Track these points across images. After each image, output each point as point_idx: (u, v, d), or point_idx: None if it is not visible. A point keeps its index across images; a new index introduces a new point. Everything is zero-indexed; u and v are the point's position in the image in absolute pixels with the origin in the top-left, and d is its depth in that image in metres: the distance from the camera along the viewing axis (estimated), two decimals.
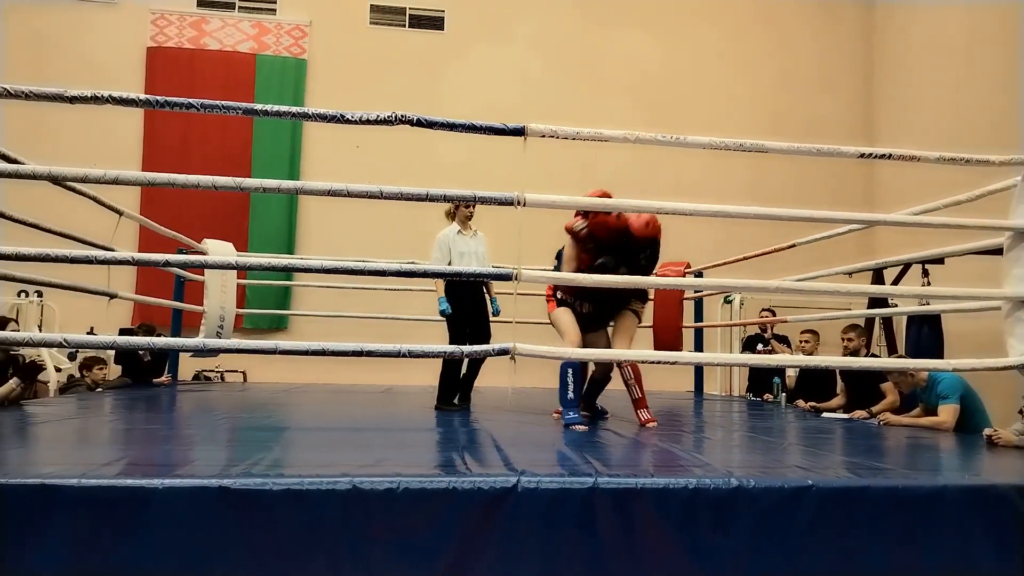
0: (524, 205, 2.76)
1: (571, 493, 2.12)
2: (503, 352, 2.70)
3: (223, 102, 2.70)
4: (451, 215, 4.67)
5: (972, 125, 7.56)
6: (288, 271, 8.30)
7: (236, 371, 8.25)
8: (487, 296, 4.71)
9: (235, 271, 6.48)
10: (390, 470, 2.16)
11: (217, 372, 8.12)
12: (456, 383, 4.71)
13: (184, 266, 5.94)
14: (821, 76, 9.98)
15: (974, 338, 5.31)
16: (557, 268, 4.19)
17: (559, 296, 4.11)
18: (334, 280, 7.47)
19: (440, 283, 4.44)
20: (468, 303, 4.54)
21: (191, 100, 2.68)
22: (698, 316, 7.73)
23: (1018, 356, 3.06)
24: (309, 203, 8.91)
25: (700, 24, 9.88)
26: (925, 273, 5.46)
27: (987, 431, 3.72)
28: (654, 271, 4.23)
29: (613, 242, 3.92)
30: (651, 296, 5.93)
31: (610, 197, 3.72)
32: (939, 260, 5.15)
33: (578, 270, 3.88)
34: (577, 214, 3.85)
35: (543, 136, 2.82)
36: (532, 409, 4.90)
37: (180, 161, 8.29)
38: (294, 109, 2.82)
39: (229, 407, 4.74)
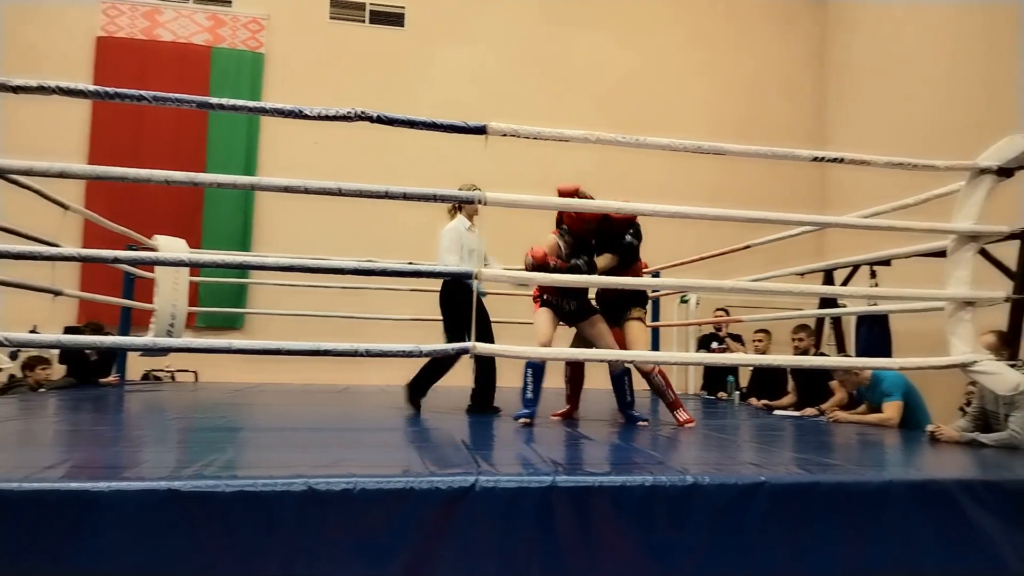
0: (485, 204, 2.76)
1: (529, 492, 2.12)
2: (462, 352, 2.69)
3: (176, 95, 2.64)
4: (454, 211, 4.56)
5: (920, 131, 7.81)
6: (243, 268, 8.15)
7: (187, 371, 8.05)
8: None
9: (187, 268, 6.33)
10: (346, 470, 2.13)
11: (168, 372, 7.91)
12: (430, 383, 4.59)
13: (134, 262, 5.80)
14: (778, 81, 10.18)
15: (919, 338, 5.49)
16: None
17: (544, 297, 4.19)
18: (291, 278, 7.35)
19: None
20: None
21: (142, 92, 2.60)
22: (655, 316, 7.82)
23: (960, 355, 3.17)
24: (266, 200, 8.75)
25: (660, 28, 10.00)
26: (873, 274, 5.62)
27: (930, 427, 3.85)
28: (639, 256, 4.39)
29: (596, 234, 3.98)
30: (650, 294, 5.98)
31: (577, 192, 3.79)
32: (886, 262, 5.30)
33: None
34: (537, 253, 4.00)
35: (504, 135, 2.82)
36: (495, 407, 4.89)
37: (130, 156, 8.04)
38: (251, 103, 2.76)
39: (180, 408, 4.63)
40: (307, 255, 6.12)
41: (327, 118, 2.71)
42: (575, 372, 4.45)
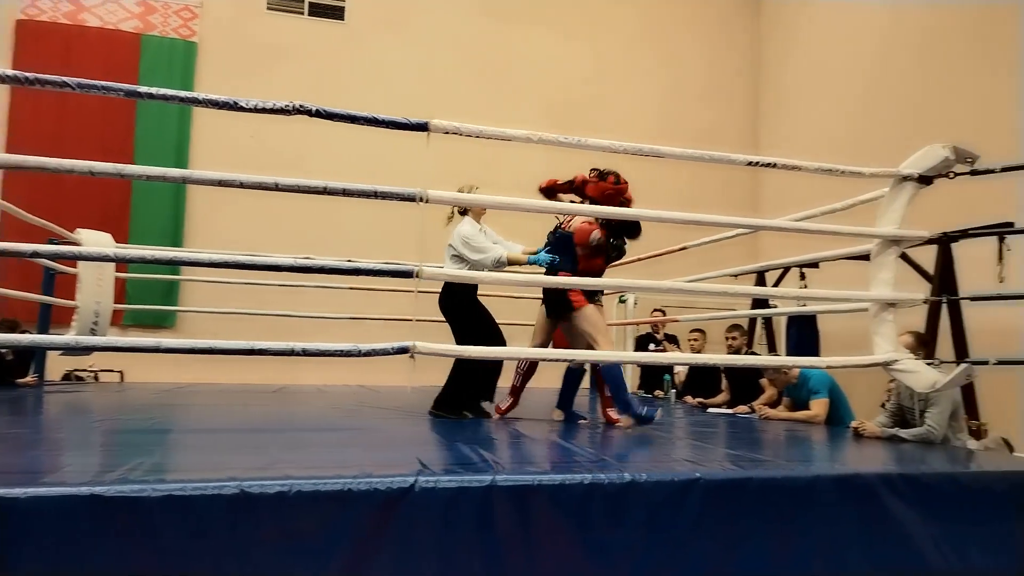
0: (426, 202, 2.73)
1: (469, 491, 2.11)
2: (402, 351, 2.66)
3: (102, 82, 2.52)
4: (463, 212, 4.39)
5: (848, 138, 8.13)
6: (174, 264, 7.81)
7: (112, 371, 7.73)
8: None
9: (113, 264, 6.07)
10: (282, 472, 2.08)
11: (91, 372, 7.58)
12: (471, 386, 4.30)
13: (55, 257, 5.52)
14: (714, 86, 10.43)
15: (845, 337, 5.72)
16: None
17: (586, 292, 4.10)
18: (225, 275, 7.14)
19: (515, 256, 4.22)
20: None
21: (66, 79, 2.48)
22: None
23: (883, 354, 3.31)
24: (199, 194, 8.46)
25: (600, 32, 10.11)
26: (802, 276, 5.83)
27: (853, 423, 4.02)
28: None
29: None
30: None
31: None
32: (815, 264, 5.51)
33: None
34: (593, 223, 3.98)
35: (447, 133, 2.80)
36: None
37: (53, 146, 7.62)
38: (183, 93, 2.67)
39: (104, 409, 4.44)
40: (242, 251, 5.95)
41: (264, 111, 2.63)
42: (531, 366, 4.53)
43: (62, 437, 3.24)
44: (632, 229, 4.22)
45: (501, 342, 4.24)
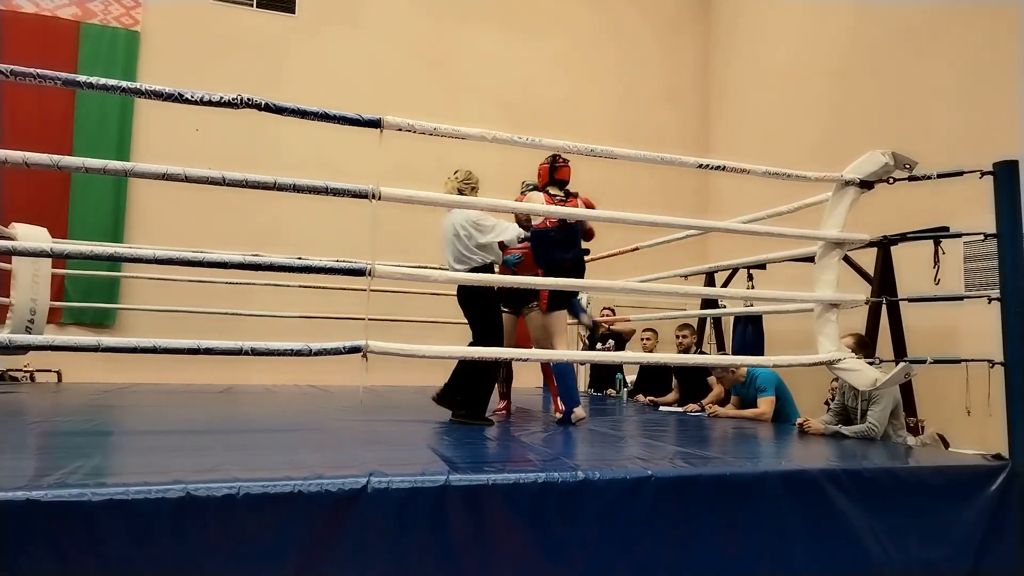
0: (379, 199, 2.70)
1: (423, 492, 2.10)
2: (354, 350, 2.62)
3: (38, 71, 2.41)
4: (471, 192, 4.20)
5: (793, 143, 8.35)
6: (114, 261, 7.54)
7: (49, 370, 7.43)
8: None
9: (49, 260, 5.83)
10: (229, 474, 2.03)
11: (26, 372, 7.27)
12: (487, 389, 4.06)
13: None
14: (665, 89, 10.59)
15: (790, 337, 5.87)
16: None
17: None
18: (169, 272, 6.94)
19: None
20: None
21: None
22: None
23: (826, 353, 3.40)
24: (142, 188, 8.19)
25: (553, 34, 10.15)
26: (750, 277, 5.96)
27: (799, 420, 4.13)
28: None
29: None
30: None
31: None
32: (762, 266, 5.64)
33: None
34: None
35: (400, 129, 2.77)
36: (384, 408, 4.81)
37: None
38: (124, 84, 2.56)
39: (41, 410, 4.26)
40: (187, 248, 5.79)
41: (210, 103, 2.56)
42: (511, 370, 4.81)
43: None
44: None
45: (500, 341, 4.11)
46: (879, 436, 3.77)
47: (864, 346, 4.12)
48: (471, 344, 3.98)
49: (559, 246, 4.06)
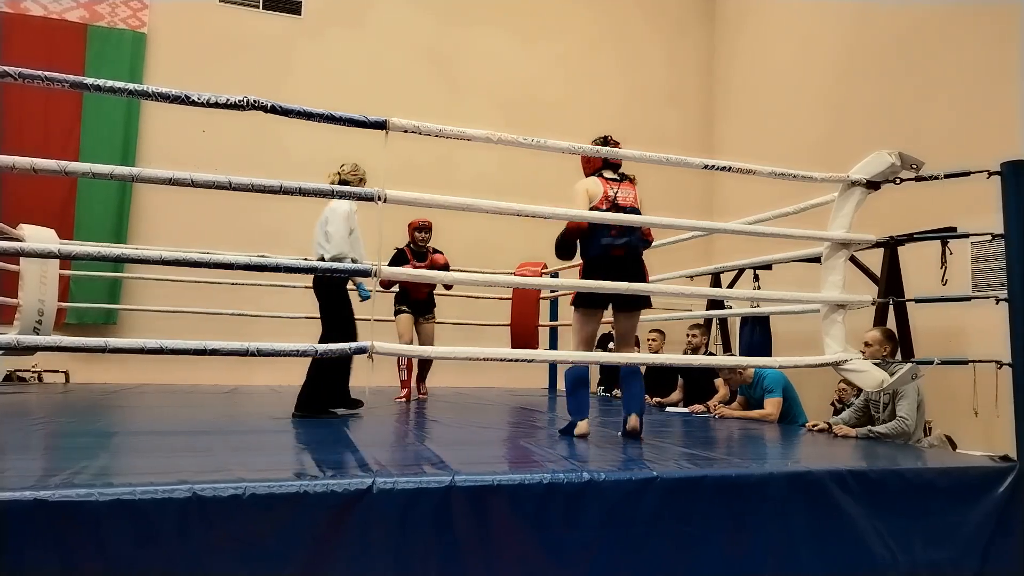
0: (385, 201, 2.70)
1: (428, 492, 2.10)
2: (360, 351, 2.63)
3: (46, 73, 2.42)
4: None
5: (800, 143, 8.33)
6: (121, 261, 7.57)
7: (57, 371, 7.47)
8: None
9: (57, 261, 5.86)
10: (235, 475, 2.03)
11: (34, 372, 7.31)
12: (336, 382, 4.34)
13: None
14: (670, 90, 10.56)
15: (796, 338, 5.85)
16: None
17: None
18: (174, 273, 6.97)
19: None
20: None
21: (6, 68, 2.38)
22: (553, 315, 7.95)
23: (833, 354, 3.39)
24: (147, 190, 8.21)
25: (557, 35, 10.14)
26: (756, 278, 5.94)
27: (819, 425, 4.14)
28: None
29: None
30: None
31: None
32: (768, 267, 5.62)
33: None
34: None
35: (406, 131, 2.78)
36: (390, 408, 4.82)
37: None
38: (131, 86, 2.58)
39: (48, 411, 4.28)
40: (192, 249, 5.81)
41: (217, 105, 2.57)
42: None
43: (2, 440, 3.11)
44: None
45: (355, 337, 4.26)
46: (911, 431, 3.76)
47: (890, 340, 4.11)
48: (321, 340, 4.16)
49: (607, 230, 3.52)
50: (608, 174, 3.69)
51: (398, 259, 5.55)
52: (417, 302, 5.73)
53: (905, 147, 3.42)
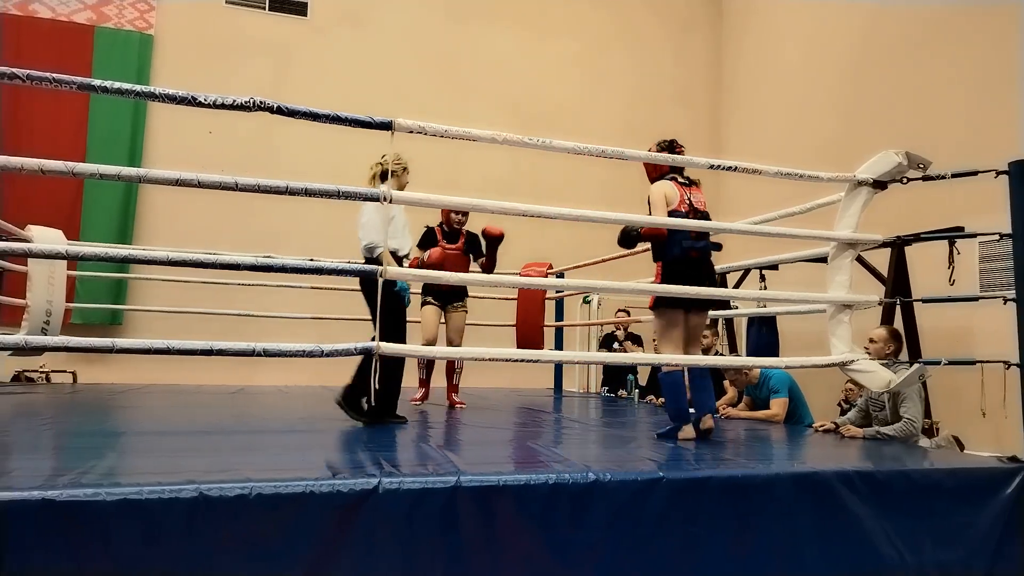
0: (391, 202, 2.71)
1: (434, 492, 2.10)
2: (366, 351, 2.63)
3: (54, 75, 2.44)
4: (383, 177, 4.03)
5: (807, 142, 8.30)
6: (127, 262, 7.62)
7: (64, 371, 7.51)
8: None
9: (65, 262, 5.89)
10: (241, 475, 2.04)
11: (42, 373, 7.35)
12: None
13: (4, 255, 5.33)
14: (677, 90, 10.53)
15: (802, 338, 5.83)
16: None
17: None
18: (179, 273, 6.99)
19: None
20: None
21: (15, 70, 2.39)
22: (559, 315, 7.95)
23: (839, 354, 3.38)
24: (153, 190, 8.25)
25: (565, 34, 10.13)
26: (762, 278, 5.92)
27: (819, 423, 4.12)
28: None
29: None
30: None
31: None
32: (774, 267, 5.60)
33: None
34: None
35: (411, 132, 2.78)
36: (400, 409, 4.82)
37: (2, 141, 7.42)
38: (138, 87, 2.59)
39: (56, 411, 4.30)
40: (199, 249, 5.83)
41: (223, 106, 2.58)
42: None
43: (11, 440, 3.13)
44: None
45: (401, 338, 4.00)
46: (918, 431, 3.74)
47: (896, 339, 4.11)
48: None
49: (687, 233, 3.56)
50: (680, 178, 3.71)
51: (427, 239, 5.09)
52: (443, 291, 5.12)
53: (913, 146, 3.41)
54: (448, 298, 5.18)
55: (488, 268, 4.90)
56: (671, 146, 3.73)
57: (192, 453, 2.72)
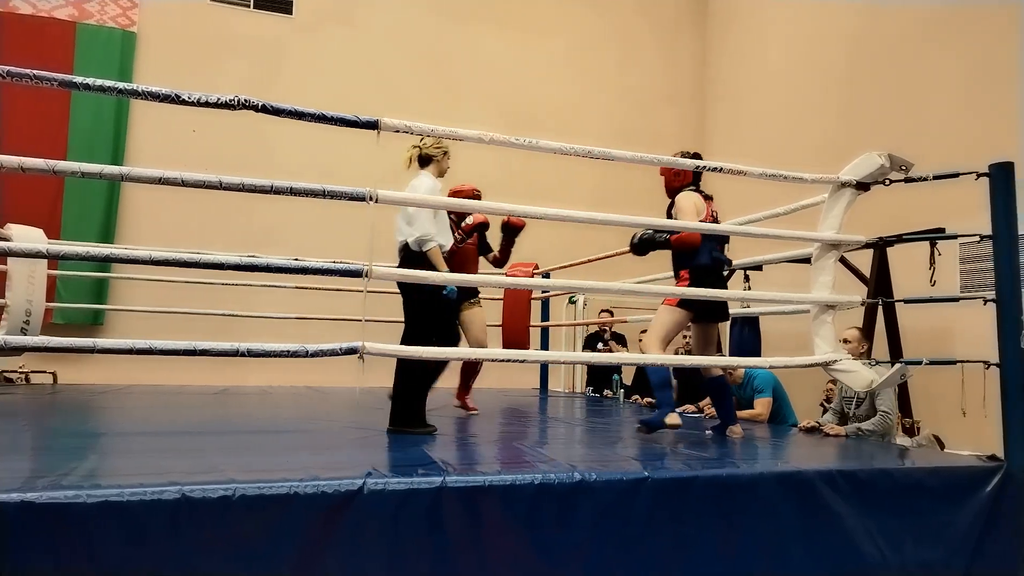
0: (377, 201, 2.70)
1: (419, 493, 2.09)
2: (351, 351, 2.62)
3: (34, 71, 2.40)
4: (425, 161, 3.94)
5: (792, 144, 8.36)
6: (109, 261, 7.55)
7: (45, 372, 7.41)
8: None
9: (45, 261, 5.82)
10: (225, 476, 2.02)
11: (21, 373, 7.24)
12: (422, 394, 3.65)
13: None
14: (663, 91, 10.58)
15: (786, 338, 5.88)
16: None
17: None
18: (163, 273, 6.93)
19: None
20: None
21: None
22: (544, 316, 7.95)
23: (823, 355, 3.41)
24: (134, 189, 8.16)
25: (552, 34, 10.14)
26: (746, 279, 5.95)
27: (805, 422, 4.16)
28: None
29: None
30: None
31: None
32: (758, 267, 5.64)
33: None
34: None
35: (397, 131, 2.77)
36: (381, 409, 4.80)
37: None
38: (120, 84, 2.56)
39: (36, 412, 4.25)
40: (182, 249, 5.78)
41: (207, 105, 2.56)
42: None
43: None
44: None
45: (453, 340, 3.90)
46: (893, 423, 3.82)
47: (868, 338, 4.18)
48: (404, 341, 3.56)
49: (715, 244, 3.72)
50: (700, 191, 3.85)
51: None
52: (469, 289, 4.71)
53: (903, 148, 3.45)
54: (466, 292, 4.73)
55: (503, 261, 4.83)
56: (696, 157, 3.72)
57: (175, 454, 2.70)
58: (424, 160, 3.84)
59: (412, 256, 3.61)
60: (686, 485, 2.43)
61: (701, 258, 3.71)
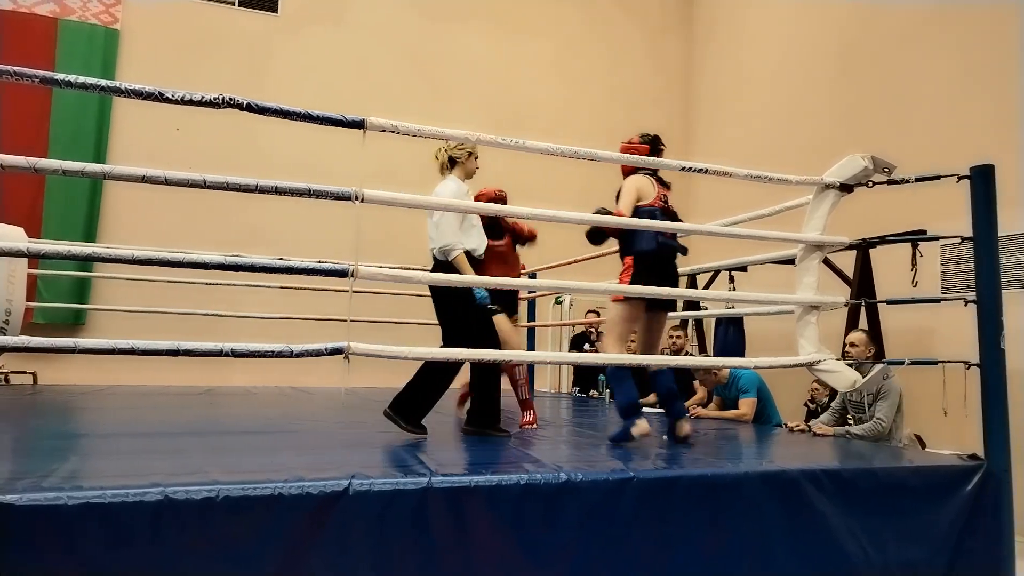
0: (362, 201, 2.69)
1: (405, 494, 2.09)
2: (336, 352, 2.61)
3: (15, 68, 2.37)
4: (451, 164, 3.85)
5: (777, 145, 8.42)
6: (92, 260, 7.46)
7: (24, 372, 7.32)
8: None
9: (26, 260, 5.75)
10: (208, 477, 2.01)
11: (1, 374, 7.16)
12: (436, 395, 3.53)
13: None
14: (649, 92, 10.62)
15: (771, 338, 5.92)
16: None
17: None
18: (146, 272, 6.86)
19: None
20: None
21: None
22: (531, 316, 7.96)
23: (807, 355, 3.43)
24: (117, 188, 8.07)
25: (539, 35, 10.15)
26: (731, 279, 6.00)
27: (797, 425, 4.19)
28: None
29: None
30: None
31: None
32: (743, 268, 5.68)
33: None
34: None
35: (383, 131, 2.76)
36: (366, 410, 4.79)
37: None
38: (103, 82, 2.53)
39: (16, 413, 4.19)
40: (165, 248, 5.73)
41: (191, 103, 2.53)
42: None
43: None
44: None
45: (493, 342, 3.57)
46: (885, 432, 3.83)
47: (874, 342, 4.21)
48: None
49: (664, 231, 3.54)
50: (657, 176, 3.70)
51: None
52: (504, 295, 4.40)
53: (889, 150, 3.49)
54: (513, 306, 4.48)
55: None
56: (655, 141, 3.74)
57: (157, 455, 2.67)
58: (451, 163, 3.79)
59: (440, 265, 3.57)
60: (671, 484, 2.44)
61: (643, 243, 3.53)
